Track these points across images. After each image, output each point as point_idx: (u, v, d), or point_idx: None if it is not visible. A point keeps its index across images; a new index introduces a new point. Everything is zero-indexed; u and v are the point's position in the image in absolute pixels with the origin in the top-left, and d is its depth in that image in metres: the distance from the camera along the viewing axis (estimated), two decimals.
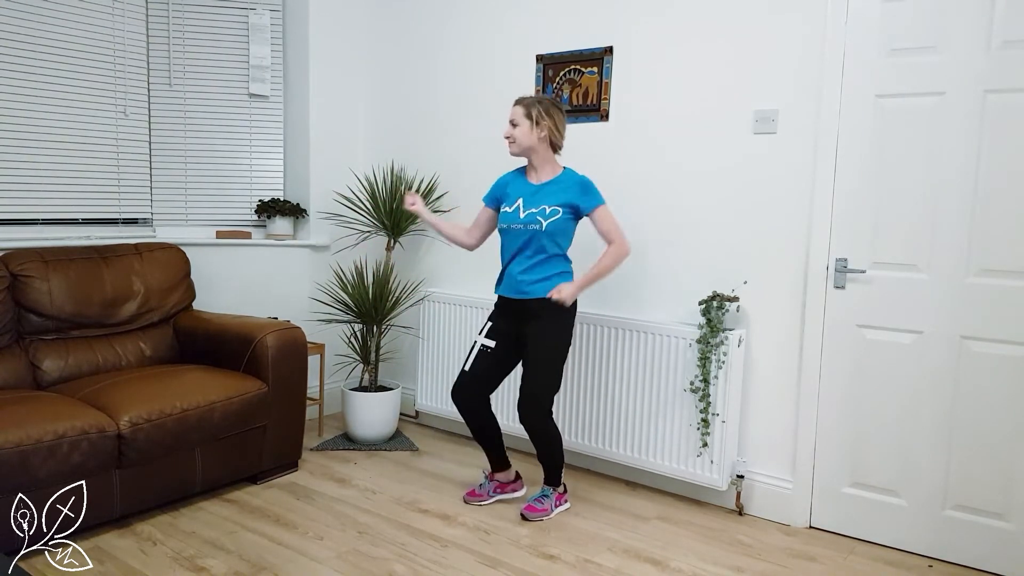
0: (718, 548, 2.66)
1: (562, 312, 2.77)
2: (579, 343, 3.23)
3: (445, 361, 3.72)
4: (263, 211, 3.85)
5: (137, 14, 3.56)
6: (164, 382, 2.81)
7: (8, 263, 2.92)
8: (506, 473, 3.03)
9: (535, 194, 2.80)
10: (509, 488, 3.02)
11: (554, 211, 2.74)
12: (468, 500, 2.98)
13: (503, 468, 3.02)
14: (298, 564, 2.44)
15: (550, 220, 2.74)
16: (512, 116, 2.80)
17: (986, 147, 2.47)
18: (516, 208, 2.80)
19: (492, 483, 3.01)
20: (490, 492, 3.00)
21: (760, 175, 2.90)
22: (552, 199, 2.77)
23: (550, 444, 2.81)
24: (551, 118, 2.78)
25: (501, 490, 3.01)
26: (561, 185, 2.79)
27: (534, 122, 2.77)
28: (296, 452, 3.21)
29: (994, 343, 2.49)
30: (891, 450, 2.68)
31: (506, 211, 2.83)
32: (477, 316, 3.59)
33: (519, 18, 3.54)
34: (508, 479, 3.03)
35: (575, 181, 2.79)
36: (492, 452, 2.99)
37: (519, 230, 2.78)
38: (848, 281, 2.74)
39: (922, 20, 2.55)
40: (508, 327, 2.86)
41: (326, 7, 3.92)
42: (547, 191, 2.79)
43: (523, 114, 2.78)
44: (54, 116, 3.30)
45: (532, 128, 2.77)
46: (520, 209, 2.79)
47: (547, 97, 2.84)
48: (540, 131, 2.77)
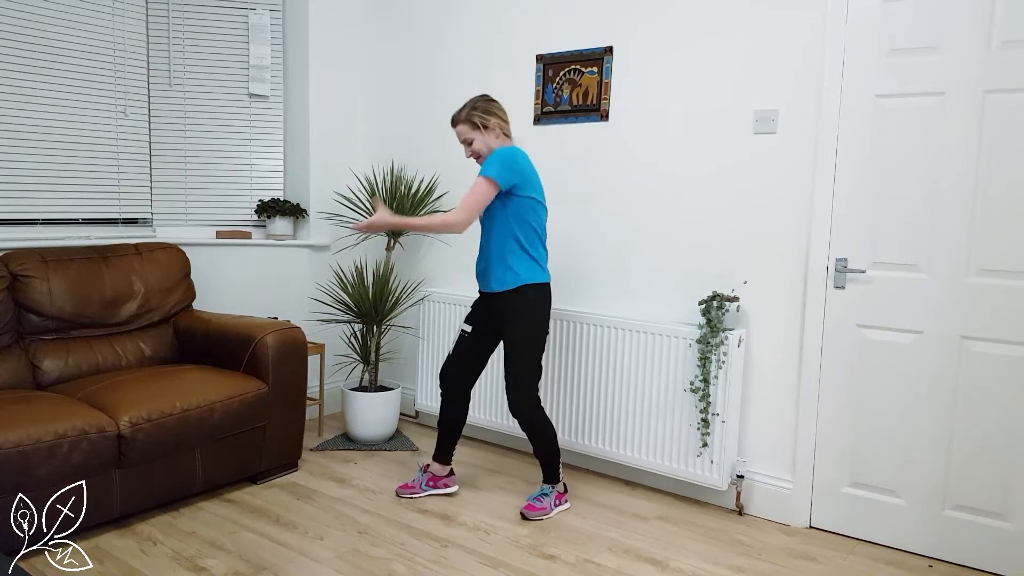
0: (718, 548, 2.66)
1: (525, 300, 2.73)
2: (580, 343, 3.23)
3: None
4: (263, 211, 3.85)
5: (137, 14, 3.56)
6: (164, 382, 2.81)
7: (8, 263, 2.92)
8: (443, 467, 3.04)
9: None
10: (441, 482, 3.04)
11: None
12: (401, 493, 3.00)
13: (444, 461, 3.03)
14: (298, 564, 2.44)
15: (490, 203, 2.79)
16: (460, 136, 2.83)
17: (986, 147, 2.47)
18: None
19: (426, 475, 3.03)
20: (423, 484, 3.02)
21: (760, 175, 2.90)
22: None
23: (544, 436, 2.82)
24: (493, 115, 2.81)
25: (434, 483, 3.03)
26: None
27: (483, 128, 2.79)
28: (296, 452, 3.21)
29: (994, 343, 2.49)
30: (891, 450, 2.68)
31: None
32: None
33: (519, 18, 3.54)
34: (442, 473, 3.05)
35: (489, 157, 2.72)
36: (446, 442, 3.02)
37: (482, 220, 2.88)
38: (848, 281, 2.74)
39: (922, 20, 2.55)
40: (481, 312, 2.93)
41: (326, 7, 3.92)
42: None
43: (469, 128, 2.81)
44: (54, 116, 3.30)
45: (486, 134, 2.79)
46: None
47: (475, 98, 2.84)
48: (493, 131, 2.80)
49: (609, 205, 3.29)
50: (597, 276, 3.34)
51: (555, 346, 3.31)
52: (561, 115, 3.41)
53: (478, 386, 3.57)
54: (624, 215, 3.25)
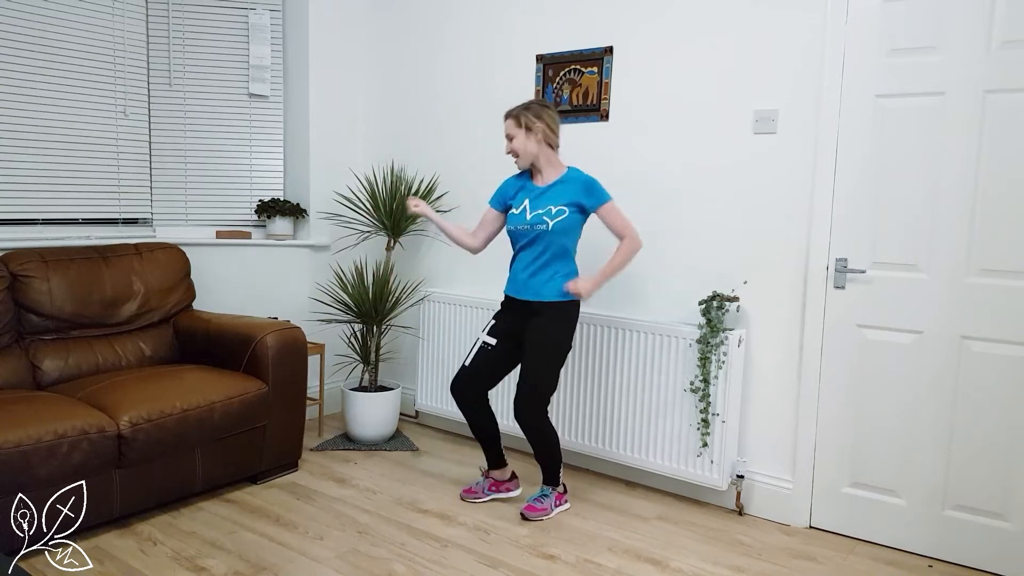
0: (718, 548, 2.66)
1: (565, 315, 2.78)
2: (580, 343, 3.23)
3: (445, 361, 3.72)
4: (263, 211, 3.85)
5: (137, 14, 3.56)
6: (164, 382, 2.81)
7: (8, 263, 2.92)
8: (501, 472, 3.03)
9: (541, 196, 2.82)
10: (504, 487, 3.03)
11: (560, 211, 2.76)
12: (464, 497, 3.00)
13: (499, 466, 3.02)
14: (298, 564, 2.44)
15: (556, 220, 2.75)
16: (506, 131, 2.85)
17: (986, 147, 2.47)
18: (523, 210, 2.82)
19: (487, 480, 3.02)
20: (485, 490, 3.01)
21: (760, 175, 2.90)
22: (558, 199, 2.78)
23: (547, 443, 2.82)
24: (542, 120, 2.80)
25: (496, 488, 3.02)
26: (567, 185, 2.80)
27: (526, 129, 2.79)
28: (296, 452, 3.21)
29: (994, 343, 2.49)
30: (891, 450, 2.68)
31: (513, 213, 2.86)
32: (477, 316, 3.59)
33: (519, 18, 3.54)
34: (503, 477, 3.03)
35: (580, 180, 2.80)
36: (489, 449, 3.00)
37: (525, 231, 2.80)
38: (848, 281, 2.74)
39: (922, 20, 2.55)
40: (511, 327, 2.87)
41: (326, 7, 3.92)
42: (553, 192, 2.81)
43: (514, 125, 2.82)
44: (54, 116, 3.30)
45: (527, 136, 2.80)
46: (527, 211, 2.81)
47: (533, 101, 2.87)
48: (536, 135, 2.80)
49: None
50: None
51: None
52: (561, 115, 3.41)
53: None
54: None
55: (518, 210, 2.84)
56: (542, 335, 2.76)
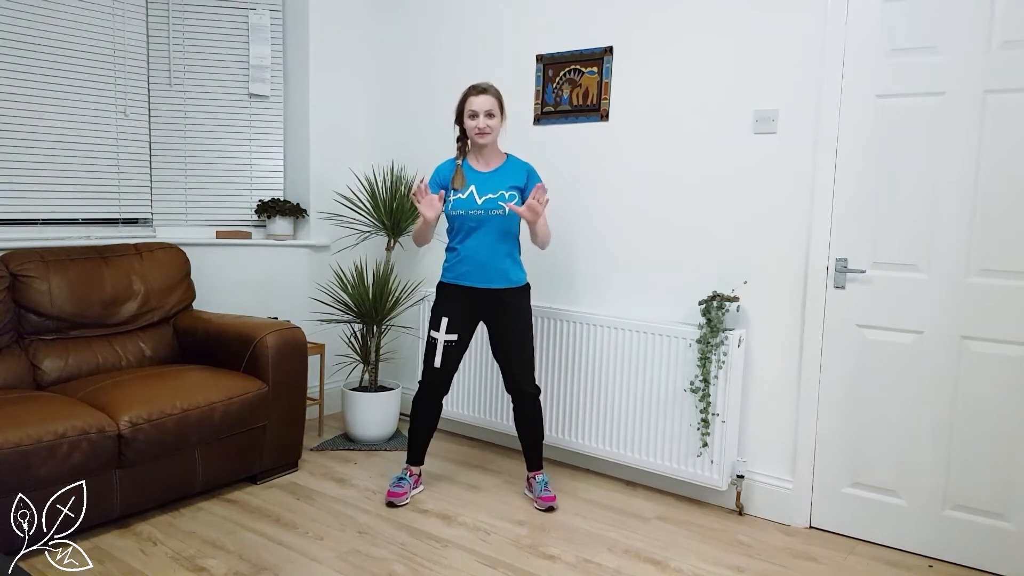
0: (718, 548, 2.66)
1: (528, 295, 2.94)
2: (580, 343, 3.23)
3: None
4: (263, 211, 3.85)
5: (137, 14, 3.56)
6: (164, 382, 2.81)
7: (8, 263, 2.92)
8: (420, 468, 3.06)
9: (488, 179, 2.85)
10: (419, 481, 3.07)
11: (512, 195, 2.84)
12: (395, 501, 2.91)
13: (422, 462, 3.06)
14: (298, 564, 2.44)
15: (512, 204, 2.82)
16: (487, 107, 2.80)
17: (986, 147, 2.47)
18: (470, 194, 2.82)
19: (412, 477, 3.02)
20: (411, 486, 3.01)
21: (760, 175, 2.90)
22: (505, 183, 2.84)
23: (541, 415, 3.00)
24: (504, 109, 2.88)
25: (416, 483, 3.04)
26: (512, 170, 2.89)
27: (501, 114, 2.85)
28: (296, 452, 3.21)
29: (994, 343, 2.49)
30: (891, 450, 2.68)
31: (459, 197, 2.83)
32: None
33: (519, 18, 3.54)
34: (419, 472, 3.07)
35: (523, 166, 2.91)
36: (425, 444, 3.03)
37: (478, 215, 2.81)
38: (848, 281, 2.74)
39: (922, 20, 2.55)
40: (468, 317, 2.91)
41: (326, 7, 3.92)
42: (500, 175, 2.86)
43: (497, 105, 2.83)
44: (54, 116, 3.30)
45: (501, 119, 2.85)
46: (475, 195, 2.82)
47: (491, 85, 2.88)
48: (502, 120, 2.86)
49: (609, 205, 3.29)
50: (597, 276, 3.34)
51: (555, 346, 3.31)
52: (561, 115, 3.41)
53: (481, 386, 3.57)
54: (624, 215, 3.25)
55: (464, 194, 2.82)
56: (520, 318, 2.89)
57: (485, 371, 3.54)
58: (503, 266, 2.84)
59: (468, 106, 2.82)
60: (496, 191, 2.82)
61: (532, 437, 2.99)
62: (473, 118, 2.80)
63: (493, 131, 2.82)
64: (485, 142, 2.83)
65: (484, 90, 2.81)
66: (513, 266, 2.88)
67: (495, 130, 2.83)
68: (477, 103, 2.80)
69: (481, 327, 3.47)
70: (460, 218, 2.83)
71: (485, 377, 3.54)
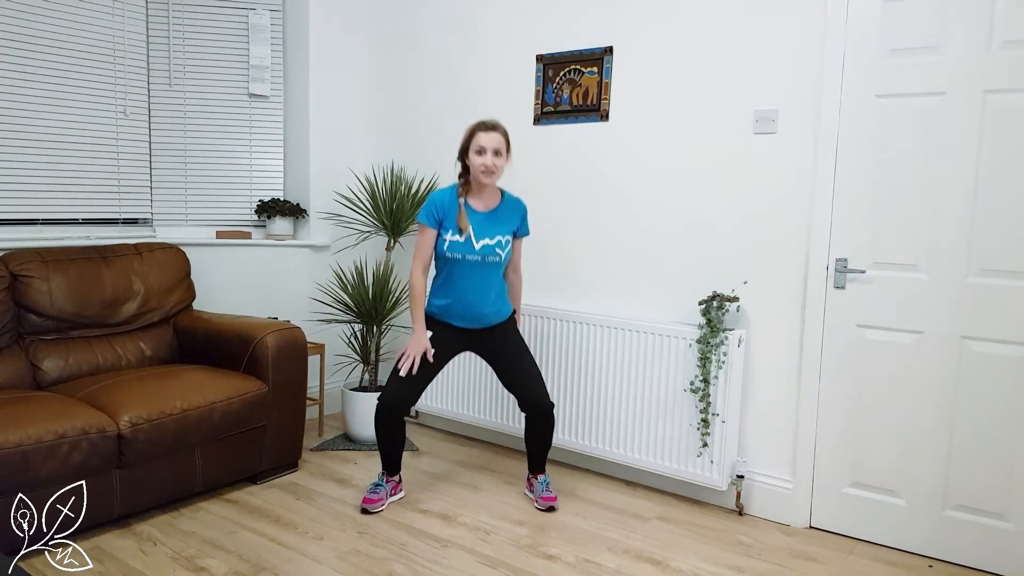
0: (718, 548, 2.66)
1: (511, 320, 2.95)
2: (579, 343, 3.23)
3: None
4: (263, 211, 3.85)
5: (137, 14, 3.56)
6: (164, 382, 2.81)
7: (8, 263, 2.92)
8: (398, 474, 3.00)
9: (485, 222, 2.78)
10: (399, 488, 3.01)
11: (507, 241, 2.83)
12: (371, 508, 2.83)
13: (398, 471, 2.98)
14: (298, 564, 2.44)
15: (506, 251, 2.82)
16: (496, 145, 2.71)
17: (986, 147, 2.47)
18: (468, 238, 2.75)
19: (389, 484, 2.95)
20: (388, 493, 2.94)
21: (760, 175, 2.90)
22: (503, 228, 2.81)
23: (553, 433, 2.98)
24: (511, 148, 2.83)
25: (395, 490, 2.99)
26: (508, 211, 2.86)
27: (508, 153, 2.79)
28: (296, 452, 3.21)
29: (994, 343, 2.49)
30: (891, 450, 2.68)
31: (456, 240, 2.74)
32: None
33: (519, 18, 3.54)
34: (398, 479, 3.01)
35: (519, 208, 2.91)
36: (397, 454, 2.92)
37: (475, 262, 2.76)
38: (848, 281, 2.74)
39: (922, 20, 2.55)
40: (450, 343, 2.87)
41: (326, 7, 3.92)
42: (497, 219, 2.82)
43: (505, 144, 2.76)
44: (54, 116, 3.30)
45: (507, 159, 2.79)
46: (472, 239, 2.75)
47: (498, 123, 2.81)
48: (508, 159, 2.80)
49: (609, 205, 3.29)
50: (597, 276, 3.34)
51: (555, 346, 3.31)
52: (561, 115, 3.41)
53: (481, 387, 3.57)
54: (624, 215, 3.25)
55: (462, 237, 2.74)
56: (520, 343, 2.92)
57: (485, 371, 3.54)
58: (491, 308, 2.82)
59: (476, 141, 2.71)
60: (493, 236, 2.77)
61: (543, 446, 2.97)
62: (481, 154, 2.70)
63: (499, 171, 2.74)
64: (490, 182, 2.74)
65: (493, 127, 2.72)
66: (500, 303, 2.86)
67: (500, 170, 2.75)
68: (486, 140, 2.70)
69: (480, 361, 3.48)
70: (455, 260, 2.77)
71: (485, 377, 3.54)
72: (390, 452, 2.91)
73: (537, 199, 3.47)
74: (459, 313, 2.82)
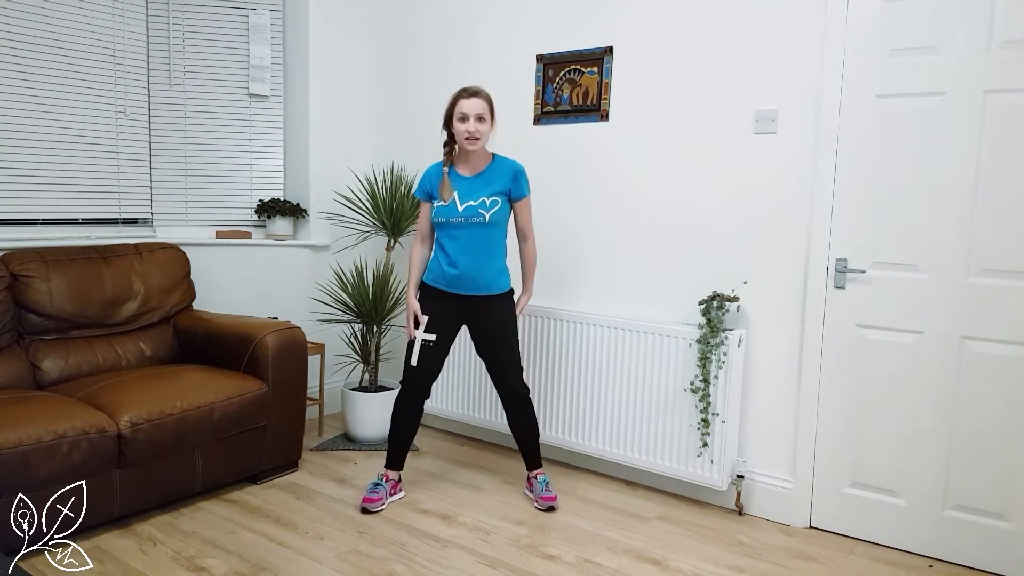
0: (718, 548, 2.66)
1: (511, 301, 2.92)
2: (579, 343, 3.23)
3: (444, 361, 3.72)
4: (263, 211, 3.85)
5: (137, 14, 3.56)
6: (164, 382, 2.81)
7: (8, 263, 2.92)
8: (398, 473, 3.00)
9: (471, 185, 2.79)
10: (398, 488, 3.01)
11: (494, 201, 2.77)
12: (371, 508, 2.84)
13: (401, 467, 2.99)
14: (298, 564, 2.44)
15: (492, 211, 2.76)
16: (479, 110, 2.71)
17: (986, 147, 2.47)
18: (452, 201, 2.77)
19: (389, 483, 2.95)
20: (388, 493, 2.94)
21: (760, 175, 2.90)
22: (489, 188, 2.78)
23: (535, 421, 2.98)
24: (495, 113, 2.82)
25: (394, 490, 2.98)
26: (496, 172, 2.81)
27: (492, 119, 2.78)
28: (296, 452, 3.21)
29: (994, 343, 2.49)
30: (891, 450, 2.68)
31: (442, 205, 2.78)
32: None
33: (519, 18, 3.54)
34: (398, 479, 3.00)
35: (509, 167, 2.82)
36: (405, 449, 2.95)
37: (458, 223, 2.76)
38: (848, 281, 2.74)
39: (922, 20, 2.55)
40: (449, 319, 2.87)
41: (326, 7, 3.92)
42: (483, 180, 2.80)
43: (488, 109, 2.76)
44: (54, 116, 3.30)
45: (491, 124, 2.78)
46: (456, 202, 2.76)
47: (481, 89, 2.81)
48: (492, 126, 2.79)
49: (609, 205, 3.29)
50: (597, 276, 3.34)
51: (555, 346, 3.31)
52: (561, 115, 3.41)
53: (481, 387, 3.57)
54: (624, 215, 3.25)
55: (447, 201, 2.77)
56: (504, 323, 2.87)
57: (484, 371, 3.54)
58: (485, 275, 2.80)
59: (458, 109, 2.72)
60: (477, 198, 2.75)
61: (528, 436, 2.98)
62: (463, 121, 2.71)
63: (483, 137, 2.73)
64: (474, 148, 2.74)
65: (475, 93, 2.73)
66: (496, 274, 2.83)
67: (484, 136, 2.74)
68: (468, 106, 2.71)
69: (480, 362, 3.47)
70: (442, 225, 2.80)
71: (484, 377, 3.54)
72: (403, 443, 2.94)
73: (537, 199, 3.47)
74: (452, 278, 2.81)
